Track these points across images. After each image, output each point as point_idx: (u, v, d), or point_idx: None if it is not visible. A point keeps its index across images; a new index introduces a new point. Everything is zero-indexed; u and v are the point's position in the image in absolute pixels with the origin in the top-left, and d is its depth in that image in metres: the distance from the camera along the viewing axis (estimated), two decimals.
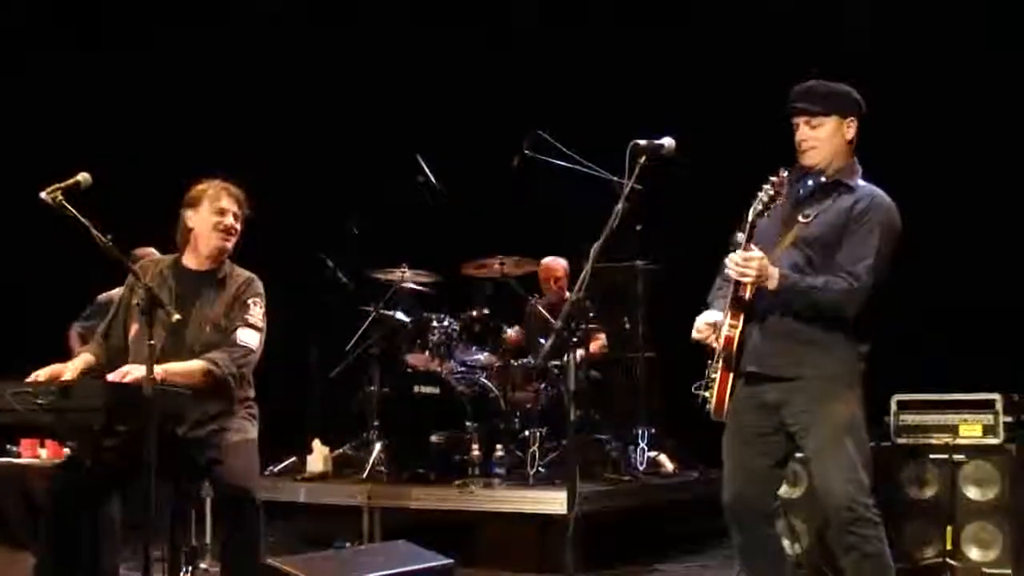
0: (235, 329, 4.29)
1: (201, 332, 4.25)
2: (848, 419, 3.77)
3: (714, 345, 3.88)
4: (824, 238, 3.80)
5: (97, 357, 4.34)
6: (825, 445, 3.76)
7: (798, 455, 4.19)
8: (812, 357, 3.79)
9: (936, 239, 6.72)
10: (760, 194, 3.70)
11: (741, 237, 3.75)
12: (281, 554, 4.67)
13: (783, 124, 3.96)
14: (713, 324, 3.91)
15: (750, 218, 3.72)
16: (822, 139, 3.87)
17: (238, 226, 4.42)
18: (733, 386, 3.86)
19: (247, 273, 4.50)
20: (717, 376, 3.86)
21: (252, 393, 4.43)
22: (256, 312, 4.37)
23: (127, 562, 4.68)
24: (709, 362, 3.91)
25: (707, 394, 3.89)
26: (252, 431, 4.36)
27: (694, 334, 3.96)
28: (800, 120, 3.89)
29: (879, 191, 3.88)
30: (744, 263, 3.72)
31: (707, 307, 4.05)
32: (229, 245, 4.41)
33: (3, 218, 8.03)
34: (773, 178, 3.71)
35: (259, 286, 4.47)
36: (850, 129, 3.89)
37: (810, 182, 3.91)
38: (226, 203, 4.38)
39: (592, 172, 6.22)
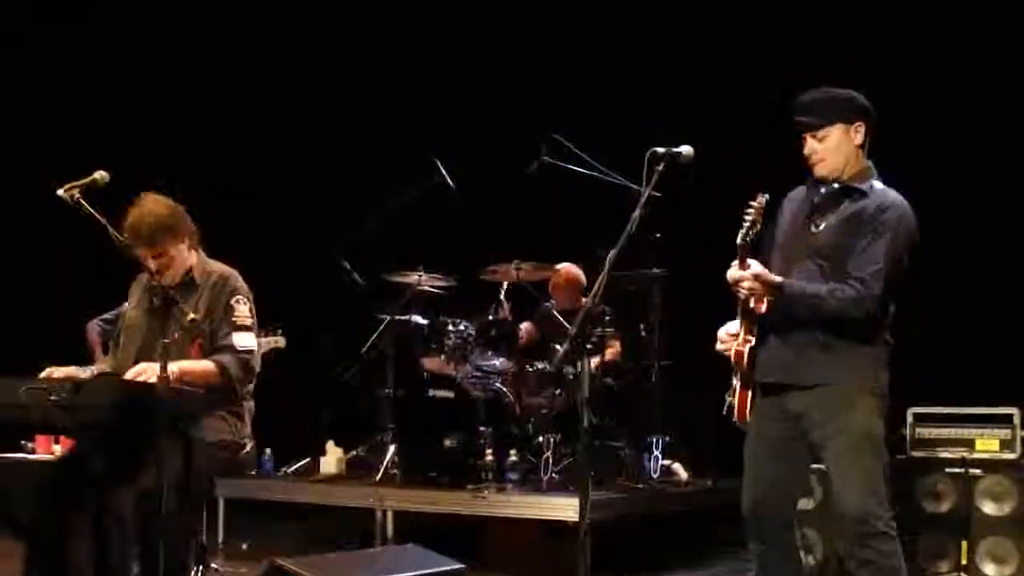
0: (227, 335, 4.17)
1: (174, 333, 4.03)
2: (865, 430, 3.71)
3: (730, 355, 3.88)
4: (834, 246, 3.76)
5: (114, 367, 4.28)
6: (842, 457, 3.72)
7: (814, 466, 4.15)
8: (831, 364, 3.75)
9: (956, 249, 6.68)
10: (744, 219, 3.71)
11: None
12: (292, 555, 4.66)
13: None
14: (736, 334, 3.89)
15: (738, 242, 3.71)
16: (830, 149, 3.82)
17: (154, 264, 4.16)
18: (752, 398, 3.86)
19: (220, 268, 4.34)
20: (737, 386, 3.88)
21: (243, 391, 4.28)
22: (242, 311, 4.22)
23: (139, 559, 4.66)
24: (734, 373, 3.91)
25: (732, 399, 3.89)
26: (224, 432, 4.20)
27: (717, 344, 3.94)
28: (806, 134, 3.85)
29: (894, 194, 3.81)
30: (736, 283, 3.73)
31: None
32: (166, 277, 4.18)
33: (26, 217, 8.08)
34: (752, 203, 3.71)
35: (235, 281, 4.30)
36: (857, 134, 3.84)
37: (823, 190, 3.88)
38: (140, 253, 4.16)
39: (609, 178, 6.22)
